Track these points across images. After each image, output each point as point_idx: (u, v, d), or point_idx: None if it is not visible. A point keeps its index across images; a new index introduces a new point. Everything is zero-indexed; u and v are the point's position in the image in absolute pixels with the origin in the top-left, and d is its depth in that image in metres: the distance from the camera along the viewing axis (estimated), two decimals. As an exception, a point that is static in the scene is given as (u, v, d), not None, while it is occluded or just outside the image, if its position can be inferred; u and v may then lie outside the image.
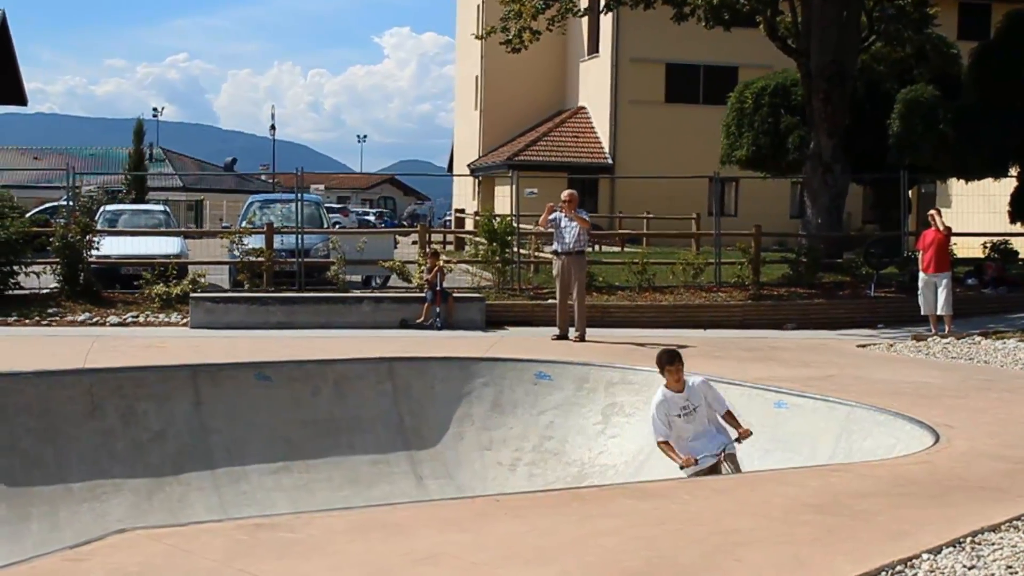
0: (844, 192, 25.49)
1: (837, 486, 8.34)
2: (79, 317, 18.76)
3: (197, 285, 19.99)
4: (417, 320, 18.82)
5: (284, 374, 13.83)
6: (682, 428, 9.99)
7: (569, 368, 14.56)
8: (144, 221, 26.87)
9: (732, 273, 22.61)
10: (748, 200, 40.19)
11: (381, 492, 12.82)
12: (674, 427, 9.98)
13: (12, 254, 19.89)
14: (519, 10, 25.07)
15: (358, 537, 6.75)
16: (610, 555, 6.40)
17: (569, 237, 17.26)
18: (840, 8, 24.15)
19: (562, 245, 17.41)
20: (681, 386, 10.04)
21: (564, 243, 17.35)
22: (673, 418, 9.98)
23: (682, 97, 45.17)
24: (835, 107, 24.43)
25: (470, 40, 42.82)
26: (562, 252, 17.43)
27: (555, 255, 17.78)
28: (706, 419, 10.09)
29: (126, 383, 12.91)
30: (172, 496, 12.20)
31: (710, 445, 9.95)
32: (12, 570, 6.22)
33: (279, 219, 24.09)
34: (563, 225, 17.28)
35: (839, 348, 17.50)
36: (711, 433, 10.08)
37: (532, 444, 13.77)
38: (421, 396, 14.27)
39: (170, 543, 6.49)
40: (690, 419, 10.01)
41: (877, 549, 6.56)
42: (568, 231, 17.26)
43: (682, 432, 10.01)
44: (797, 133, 27.96)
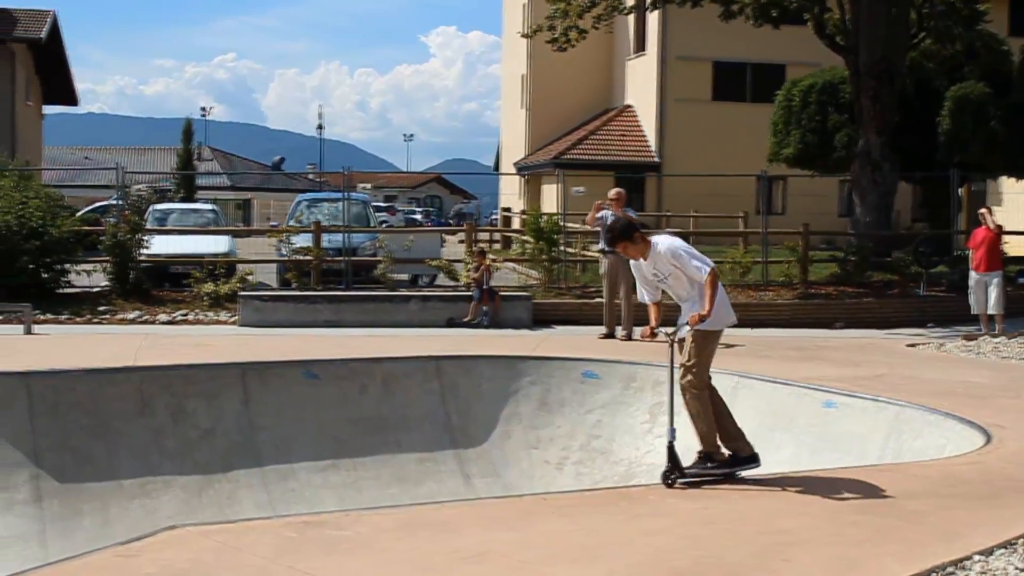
0: (893, 190, 25.30)
1: (887, 486, 8.28)
2: (129, 315, 18.92)
3: (245, 284, 20.13)
4: (464, 319, 18.85)
5: (332, 372, 13.87)
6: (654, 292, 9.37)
7: (616, 367, 14.52)
8: (193, 220, 27.08)
9: (780, 272, 22.50)
10: (796, 198, 39.92)
11: (428, 490, 12.84)
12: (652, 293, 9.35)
13: (64, 253, 20.11)
14: (565, 9, 25.05)
15: (405, 535, 6.77)
16: (657, 554, 6.39)
17: None
18: (889, 5, 23.98)
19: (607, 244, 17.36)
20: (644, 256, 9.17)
21: None
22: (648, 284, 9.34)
23: (729, 95, 44.95)
24: (884, 105, 24.25)
25: (516, 39, 42.83)
26: (609, 251, 17.40)
27: (602, 254, 17.77)
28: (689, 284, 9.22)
29: (176, 381, 13.00)
30: (221, 493, 12.27)
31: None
32: (65, 565, 6.29)
33: (327, 218, 24.20)
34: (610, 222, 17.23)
35: (888, 347, 17.37)
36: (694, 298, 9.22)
37: (579, 443, 13.74)
38: (468, 394, 14.28)
39: (219, 540, 6.54)
40: (664, 284, 9.29)
41: (928, 550, 6.51)
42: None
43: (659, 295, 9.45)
44: (845, 131, 27.77)
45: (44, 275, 20.02)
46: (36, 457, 11.83)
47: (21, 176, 21.55)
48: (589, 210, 17.77)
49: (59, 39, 44.29)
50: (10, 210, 19.31)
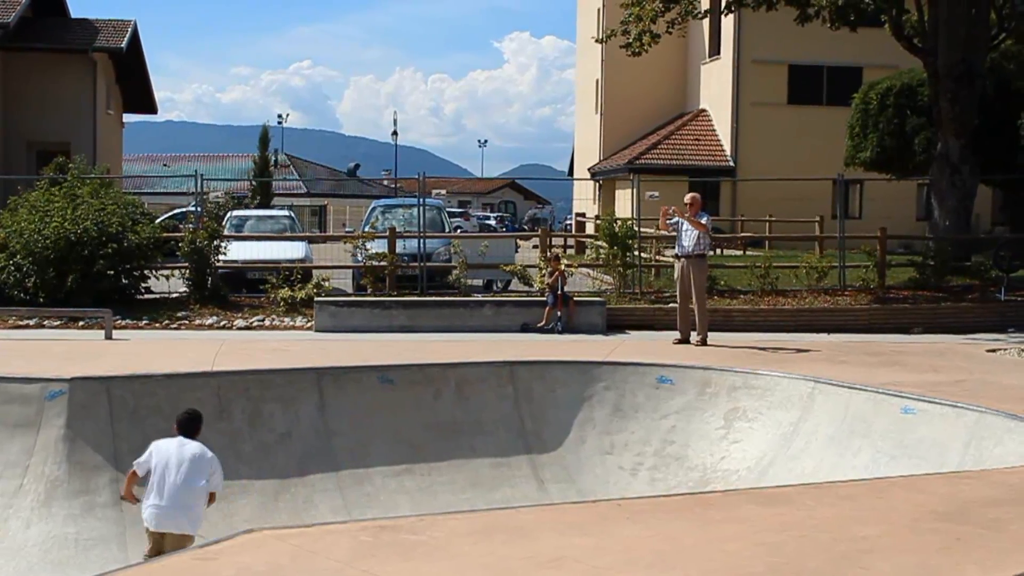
0: (972, 194, 24.96)
1: (967, 493, 8.17)
2: (207, 320, 19.13)
3: (321, 289, 20.25)
4: (538, 324, 18.85)
5: (407, 377, 13.94)
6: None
7: (691, 372, 14.46)
8: (269, 226, 27.30)
9: (857, 276, 22.28)
10: (873, 202, 39.55)
11: (503, 495, 12.87)
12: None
13: (143, 259, 20.36)
14: (639, 13, 24.99)
15: (481, 540, 6.78)
16: (733, 561, 6.35)
17: (688, 240, 17.18)
18: (968, 6, 23.67)
19: (681, 248, 17.33)
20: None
21: (683, 246, 17.27)
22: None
23: (805, 98, 44.65)
24: (963, 107, 23.93)
25: (590, 44, 42.81)
26: (682, 255, 17.35)
27: (675, 258, 17.71)
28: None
29: (253, 385, 13.13)
30: (297, 497, 12.38)
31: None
32: (144, 568, 6.38)
33: (401, 223, 24.30)
34: (683, 228, 17.21)
35: (968, 352, 17.14)
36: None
37: (654, 448, 13.71)
38: (542, 399, 14.29)
39: (296, 543, 6.59)
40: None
41: (1009, 559, 6.42)
42: (687, 234, 17.18)
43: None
44: (924, 134, 27.47)
45: (124, 281, 20.29)
46: (116, 461, 12.01)
47: (101, 184, 21.86)
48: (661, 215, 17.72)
49: (139, 48, 44.94)
50: (89, 217, 19.59)
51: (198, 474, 9.57)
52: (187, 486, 9.51)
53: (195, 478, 9.54)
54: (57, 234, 19.20)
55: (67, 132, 39.38)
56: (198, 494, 9.57)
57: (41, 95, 39.53)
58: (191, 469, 9.55)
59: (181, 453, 9.63)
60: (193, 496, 9.53)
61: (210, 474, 9.69)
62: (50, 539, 11.23)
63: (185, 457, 9.60)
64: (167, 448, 9.69)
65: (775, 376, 13.97)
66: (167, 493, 9.48)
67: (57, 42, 40.50)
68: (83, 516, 11.49)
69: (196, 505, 9.58)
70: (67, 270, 19.21)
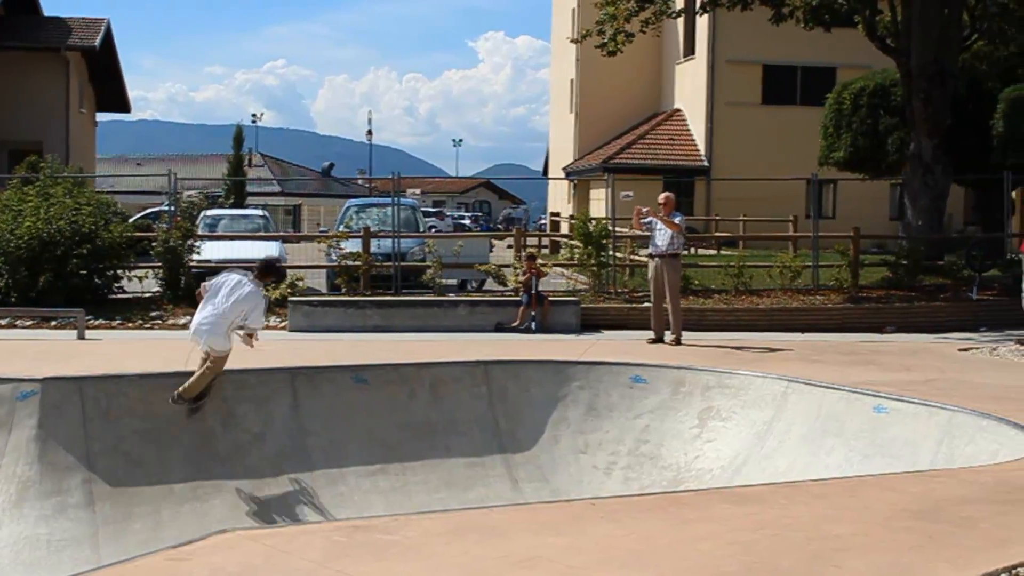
0: (945, 193, 25.08)
1: (939, 492, 8.22)
2: (180, 320, 19.05)
3: (295, 289, 20.21)
4: (513, 324, 18.85)
5: (381, 377, 13.92)
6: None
7: (665, 372, 14.49)
8: (243, 226, 27.23)
9: (830, 276, 22.35)
10: (846, 202, 39.72)
11: (477, 495, 12.87)
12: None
13: (116, 259, 20.28)
14: (614, 13, 25.02)
15: (455, 539, 6.78)
16: (707, 560, 6.36)
17: (662, 240, 17.20)
18: (941, 6, 23.77)
19: (655, 248, 17.35)
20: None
21: (657, 246, 17.29)
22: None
23: (779, 98, 44.81)
24: (936, 107, 24.04)
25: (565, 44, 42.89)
26: (655, 255, 17.37)
27: (649, 258, 17.74)
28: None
29: (226, 385, 13.08)
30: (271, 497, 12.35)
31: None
32: (116, 568, 6.35)
33: (376, 223, 24.28)
34: (657, 228, 17.23)
35: (940, 352, 17.22)
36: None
37: (628, 448, 13.72)
38: (516, 399, 14.29)
39: (269, 544, 6.58)
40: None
41: (980, 556, 6.45)
42: (661, 234, 17.20)
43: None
44: (897, 134, 27.57)
45: (97, 280, 20.20)
46: (89, 461, 11.96)
47: (74, 183, 21.76)
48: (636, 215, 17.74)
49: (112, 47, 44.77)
50: (63, 216, 19.50)
51: (233, 305, 11.83)
52: (217, 311, 11.79)
53: (228, 308, 11.82)
54: (30, 234, 19.12)
55: (39, 131, 39.21)
56: (224, 319, 11.79)
57: (13, 94, 39.35)
58: (229, 298, 11.83)
59: (234, 283, 11.99)
60: (220, 320, 11.79)
61: (250, 310, 11.96)
62: (21, 540, 11.16)
63: (234, 287, 11.92)
64: (229, 277, 12.21)
65: (749, 376, 14.01)
66: (202, 312, 11.99)
67: (29, 40, 40.31)
68: (55, 517, 11.43)
69: (219, 329, 11.85)
70: (40, 270, 19.12)
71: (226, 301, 11.94)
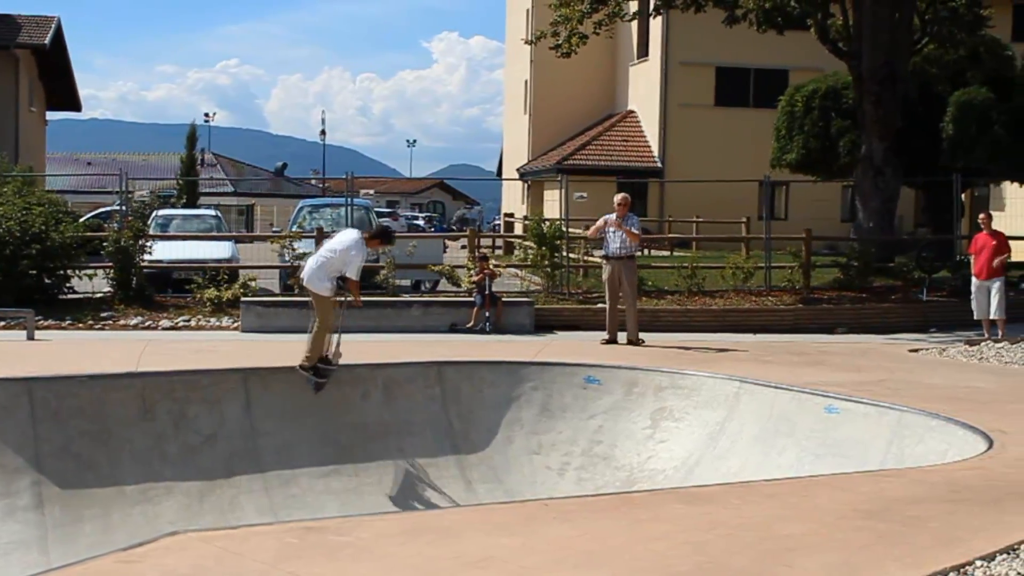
0: (896, 195, 25.29)
1: (889, 492, 8.28)
2: (132, 321, 18.93)
3: (248, 289, 20.10)
4: (467, 325, 18.84)
5: (334, 377, 13.86)
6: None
7: (618, 372, 14.53)
8: (195, 226, 27.06)
9: (782, 277, 22.49)
10: (798, 204, 39.97)
11: (430, 496, 12.85)
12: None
13: (66, 258, 20.10)
14: (568, 14, 25.06)
15: (408, 541, 6.76)
16: (660, 560, 6.38)
17: (618, 242, 17.25)
18: (892, 10, 23.97)
19: (609, 250, 17.39)
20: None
21: (611, 248, 17.33)
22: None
23: (732, 100, 44.96)
24: (887, 110, 24.24)
25: (520, 45, 42.86)
26: (611, 256, 17.41)
27: (604, 259, 17.77)
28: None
29: (178, 386, 13.00)
30: (223, 499, 12.28)
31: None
32: (66, 571, 6.29)
33: (329, 223, 24.18)
34: (610, 231, 17.28)
35: (890, 352, 17.37)
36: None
37: (581, 448, 13.75)
38: (470, 400, 14.28)
39: (221, 545, 6.54)
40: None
41: (930, 555, 6.50)
42: (615, 236, 17.25)
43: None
44: (848, 136, 27.73)
45: (47, 281, 20.02)
46: (38, 463, 11.84)
47: (24, 182, 21.55)
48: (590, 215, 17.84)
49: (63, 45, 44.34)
50: (12, 216, 19.31)
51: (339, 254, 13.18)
52: (322, 257, 13.30)
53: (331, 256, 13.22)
54: (-21, 233, 18.93)
55: (-12, 129, 38.79)
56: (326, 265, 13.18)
57: (-38, 91, 38.94)
58: (335, 248, 13.24)
59: (344, 235, 13.61)
60: (323, 265, 13.20)
61: (348, 262, 13.15)
62: (-31, 543, 11.04)
63: (341, 239, 13.44)
64: (345, 231, 14.08)
65: (701, 376, 14.07)
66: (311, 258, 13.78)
67: (-22, 38, 39.88)
68: (3, 520, 11.30)
69: (320, 273, 13.20)
70: (-11, 270, 18.93)
71: (331, 250, 13.36)
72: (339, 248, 13.27)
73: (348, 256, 13.17)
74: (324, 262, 13.25)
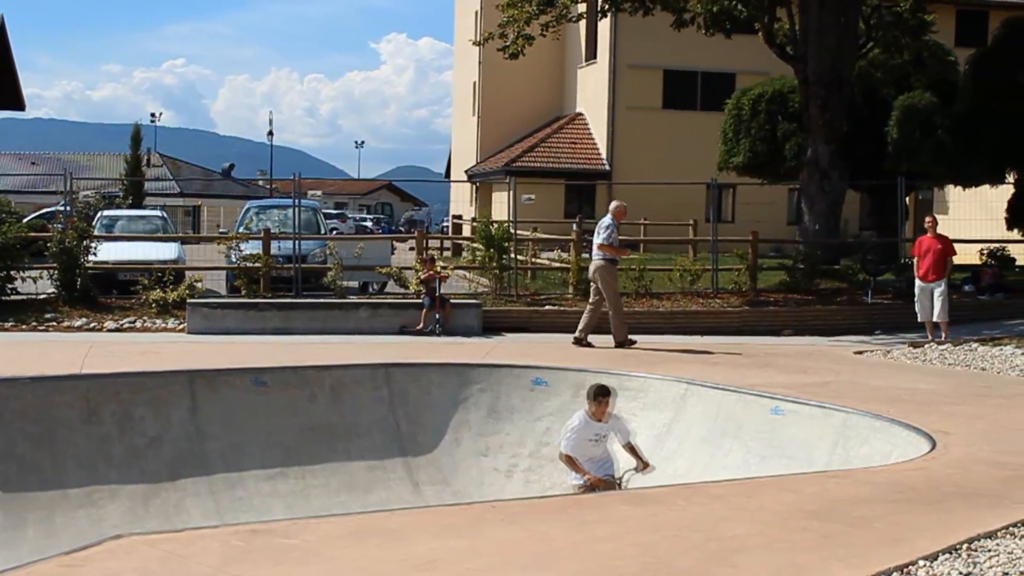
0: (841, 198, 25.50)
1: (834, 492, 8.34)
2: (76, 322, 18.74)
3: (194, 291, 19.98)
4: (417, 327, 18.81)
5: (281, 380, 13.82)
6: (586, 450, 10.89)
7: (566, 374, 14.55)
8: (141, 226, 26.83)
9: (729, 279, 22.62)
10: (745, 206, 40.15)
11: (377, 498, 12.81)
12: (579, 448, 10.85)
13: (9, 259, 19.88)
14: (515, 16, 25.09)
15: (355, 543, 6.74)
16: (607, 561, 6.39)
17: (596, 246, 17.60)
18: (838, 15, 24.17)
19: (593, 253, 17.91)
20: (604, 418, 10.90)
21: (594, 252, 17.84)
22: (583, 441, 10.86)
23: (680, 103, 45.15)
24: (832, 113, 24.44)
25: (468, 46, 42.84)
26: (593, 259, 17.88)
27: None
28: (606, 447, 11.02)
29: (123, 388, 12.89)
30: (168, 502, 12.19)
31: (604, 467, 10.95)
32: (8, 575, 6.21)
33: (276, 225, 24.07)
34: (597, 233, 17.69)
35: (836, 354, 17.50)
36: (606, 458, 11.04)
37: (529, 450, 13.76)
38: (418, 402, 14.26)
39: (166, 549, 6.49)
40: (597, 446, 10.95)
41: (874, 555, 6.55)
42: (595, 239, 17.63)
43: (585, 452, 10.89)
44: (795, 140, 27.92)
45: (-11, 281, 19.81)
46: (-20, 465, 11.70)
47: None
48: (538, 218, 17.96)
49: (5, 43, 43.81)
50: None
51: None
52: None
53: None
54: (-81, 233, 18.69)
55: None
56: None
57: (-99, 90, 38.42)
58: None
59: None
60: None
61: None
62: (-90, 547, 10.90)
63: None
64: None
65: (649, 378, 14.12)
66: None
67: (-82, 36, 39.37)
68: (-55, 523, 11.17)
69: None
70: (-71, 271, 18.71)
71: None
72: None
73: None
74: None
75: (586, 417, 10.86)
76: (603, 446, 11.00)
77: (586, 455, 10.87)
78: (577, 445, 10.82)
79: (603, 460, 10.99)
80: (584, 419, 10.86)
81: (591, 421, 10.82)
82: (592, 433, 10.83)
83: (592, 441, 10.87)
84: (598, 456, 10.94)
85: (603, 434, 10.93)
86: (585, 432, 10.81)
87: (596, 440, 10.90)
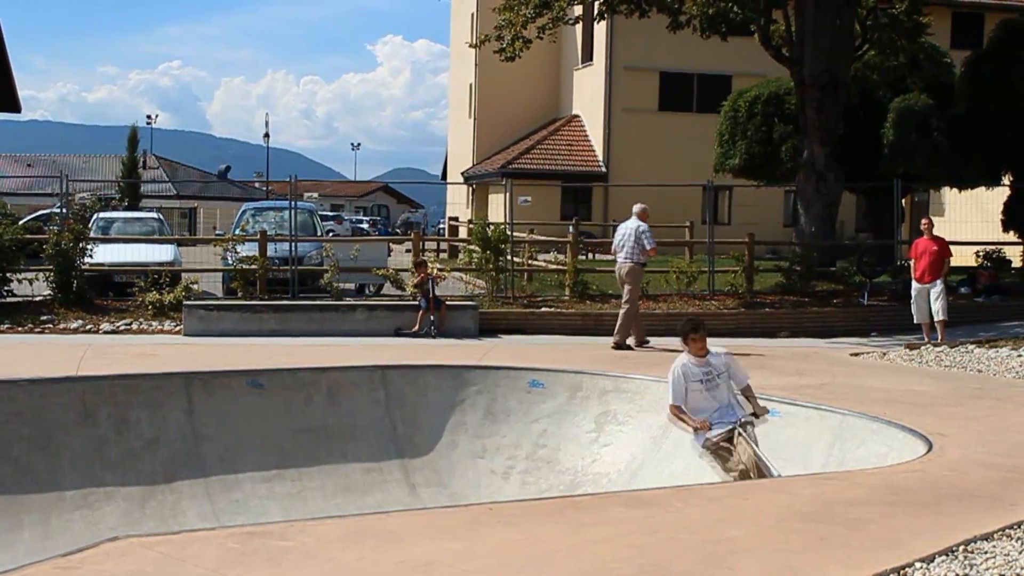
0: (837, 200, 25.51)
1: (830, 494, 8.34)
2: (72, 324, 18.73)
3: (190, 293, 19.96)
4: (412, 329, 18.81)
5: (277, 382, 13.81)
6: (699, 399, 10.11)
7: (562, 376, 14.55)
8: (137, 228, 26.83)
9: (725, 281, 22.62)
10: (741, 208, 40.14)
11: (374, 500, 12.80)
12: (691, 396, 10.09)
13: (5, 261, 19.86)
14: (512, 18, 25.09)
15: (351, 545, 6.73)
16: (603, 563, 6.39)
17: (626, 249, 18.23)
18: (833, 17, 24.18)
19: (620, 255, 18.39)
20: (704, 355, 10.16)
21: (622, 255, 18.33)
22: (693, 389, 10.09)
23: (676, 105, 45.21)
24: (828, 116, 24.45)
25: (464, 48, 42.89)
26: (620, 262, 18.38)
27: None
28: (725, 391, 10.23)
29: (119, 390, 12.88)
30: (164, 504, 12.17)
31: (726, 417, 10.11)
32: (2, 578, 6.21)
33: (273, 227, 24.08)
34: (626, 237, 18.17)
35: (832, 356, 17.51)
36: (727, 407, 10.20)
37: (525, 452, 13.75)
38: (414, 404, 14.25)
39: (162, 551, 6.48)
40: (710, 388, 10.13)
41: (870, 557, 6.55)
42: (626, 245, 18.24)
43: (699, 403, 10.12)
44: (791, 142, 27.93)
45: (-16, 283, 19.79)
46: (-24, 467, 11.69)
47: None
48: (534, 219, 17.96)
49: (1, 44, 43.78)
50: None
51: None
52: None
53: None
54: (-86, 236, 18.67)
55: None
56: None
57: None
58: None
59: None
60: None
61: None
62: (-95, 550, 10.89)
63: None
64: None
65: (646, 380, 14.11)
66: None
67: (-87, 37, 39.28)
68: (-60, 525, 11.16)
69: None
70: (-75, 273, 18.68)
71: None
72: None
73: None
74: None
75: (686, 360, 10.20)
76: (719, 389, 10.14)
77: (700, 406, 10.07)
78: (687, 394, 10.06)
79: (724, 407, 10.14)
80: (684, 363, 10.17)
81: (691, 366, 10.12)
82: (700, 375, 10.08)
83: (702, 384, 10.07)
84: (716, 404, 10.11)
85: (713, 373, 10.12)
86: (690, 376, 10.08)
87: (707, 382, 10.07)
